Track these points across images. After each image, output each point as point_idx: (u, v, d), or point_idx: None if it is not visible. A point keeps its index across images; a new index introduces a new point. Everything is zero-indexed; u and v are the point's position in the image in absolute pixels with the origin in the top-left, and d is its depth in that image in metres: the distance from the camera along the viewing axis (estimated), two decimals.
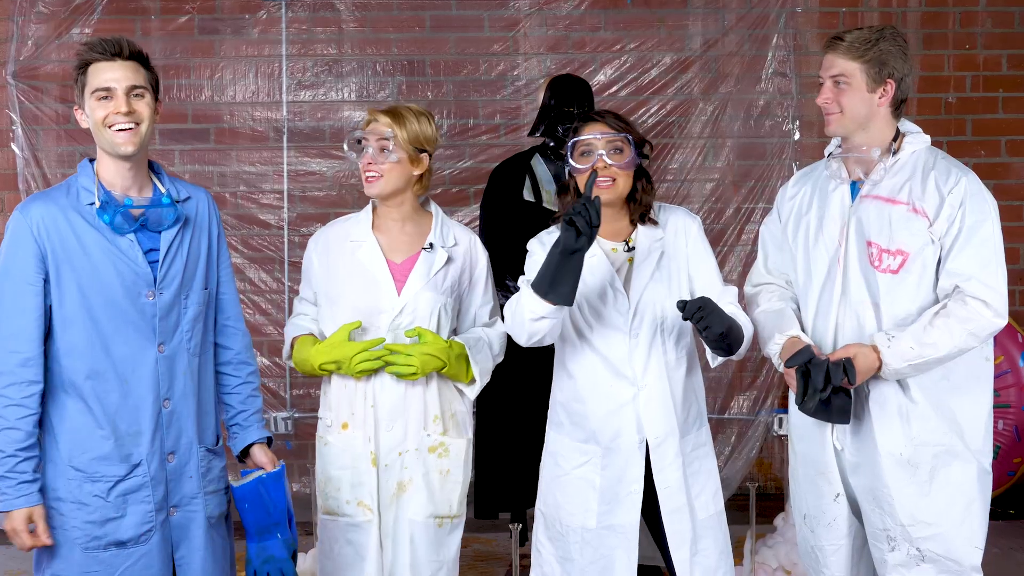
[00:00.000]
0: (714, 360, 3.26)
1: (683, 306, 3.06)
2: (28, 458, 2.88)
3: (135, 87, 2.94)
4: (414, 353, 3.28)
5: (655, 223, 3.31)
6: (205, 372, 3.12)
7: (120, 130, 2.92)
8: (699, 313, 3.04)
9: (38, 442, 2.92)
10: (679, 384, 3.28)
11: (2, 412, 2.86)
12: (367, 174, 3.36)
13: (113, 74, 2.93)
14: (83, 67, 2.95)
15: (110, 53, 2.93)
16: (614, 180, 3.23)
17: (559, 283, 3.09)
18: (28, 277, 2.90)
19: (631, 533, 3.27)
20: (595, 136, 3.24)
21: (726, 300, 3.25)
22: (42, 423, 2.96)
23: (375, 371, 3.32)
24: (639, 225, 3.31)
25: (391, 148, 3.32)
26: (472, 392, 3.44)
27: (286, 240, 6.07)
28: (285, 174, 6.08)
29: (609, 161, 3.22)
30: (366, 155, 3.35)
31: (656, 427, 3.24)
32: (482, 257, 3.50)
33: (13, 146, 6.07)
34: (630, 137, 3.25)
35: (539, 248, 3.37)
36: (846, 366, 3.04)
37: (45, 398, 2.95)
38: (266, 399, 6.06)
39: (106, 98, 2.92)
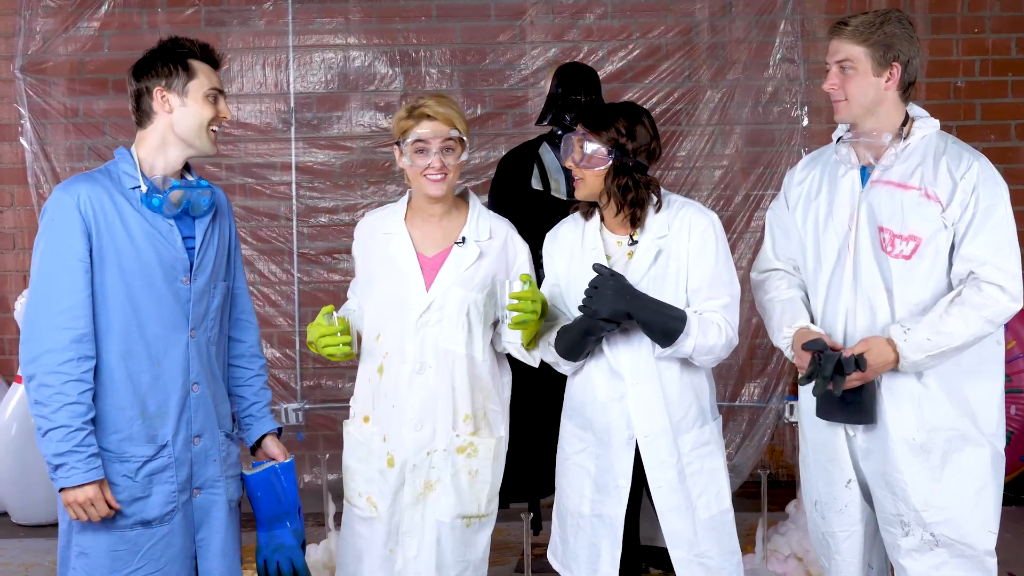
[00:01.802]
0: (654, 347, 3.22)
1: (598, 269, 3.13)
2: (92, 431, 2.92)
3: None
4: (539, 300, 3.23)
5: (638, 224, 3.26)
6: (221, 362, 3.21)
7: (215, 132, 3.09)
8: (589, 289, 3.10)
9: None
10: (673, 382, 3.25)
11: (62, 388, 2.89)
12: (432, 176, 3.27)
13: (218, 79, 3.11)
14: (184, 60, 3.06)
15: (215, 61, 3.12)
16: (582, 178, 3.25)
17: (580, 351, 3.26)
18: (78, 254, 2.94)
19: (617, 525, 3.27)
20: (570, 136, 3.27)
21: (708, 305, 3.20)
22: None
23: (344, 356, 3.29)
24: (647, 220, 3.27)
25: (456, 147, 3.27)
26: (535, 359, 3.40)
27: (295, 231, 6.07)
28: (293, 165, 6.08)
29: (574, 160, 3.24)
30: (431, 158, 3.26)
31: (645, 425, 3.23)
32: (522, 250, 3.43)
33: (22, 140, 6.08)
34: (589, 137, 3.21)
35: (552, 244, 3.40)
36: (858, 359, 3.03)
37: None
38: (277, 390, 6.08)
39: (213, 100, 3.07)
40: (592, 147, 3.21)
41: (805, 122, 6.02)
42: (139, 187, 3.03)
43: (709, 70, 6.14)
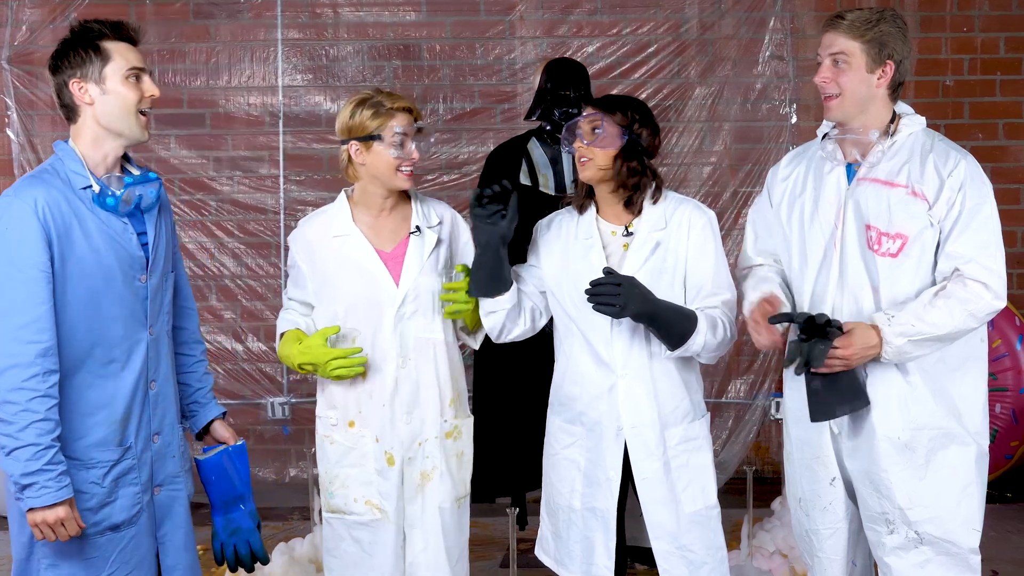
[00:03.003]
0: (649, 342, 3.23)
1: (608, 271, 3.10)
2: (59, 448, 2.82)
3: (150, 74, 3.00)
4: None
5: (638, 211, 3.27)
6: (172, 354, 3.15)
7: (144, 114, 2.95)
8: (597, 288, 3.06)
9: None
10: (663, 375, 3.25)
11: (29, 405, 2.77)
12: (406, 169, 3.28)
13: (137, 57, 2.95)
14: (94, 43, 2.91)
15: (131, 38, 2.95)
16: (591, 158, 3.23)
17: (496, 276, 3.22)
18: (40, 264, 2.81)
19: (609, 517, 3.28)
20: (578, 119, 3.26)
21: (710, 302, 3.22)
22: None
23: (354, 377, 3.28)
24: (644, 212, 3.28)
25: (419, 137, 3.31)
26: (477, 342, 3.44)
27: (282, 225, 6.05)
28: (281, 158, 6.06)
29: (584, 141, 3.23)
30: (413, 149, 3.27)
31: (633, 417, 3.23)
32: (464, 230, 3.45)
33: (8, 131, 6.06)
34: (604, 118, 3.21)
35: (545, 233, 3.39)
36: (830, 319, 3.02)
37: None
38: (263, 385, 6.08)
39: (135, 78, 2.93)
40: (606, 127, 3.22)
41: (794, 119, 6.02)
42: (90, 187, 2.91)
43: (698, 67, 6.14)
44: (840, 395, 3.11)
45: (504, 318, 3.28)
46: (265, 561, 3.27)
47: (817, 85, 3.17)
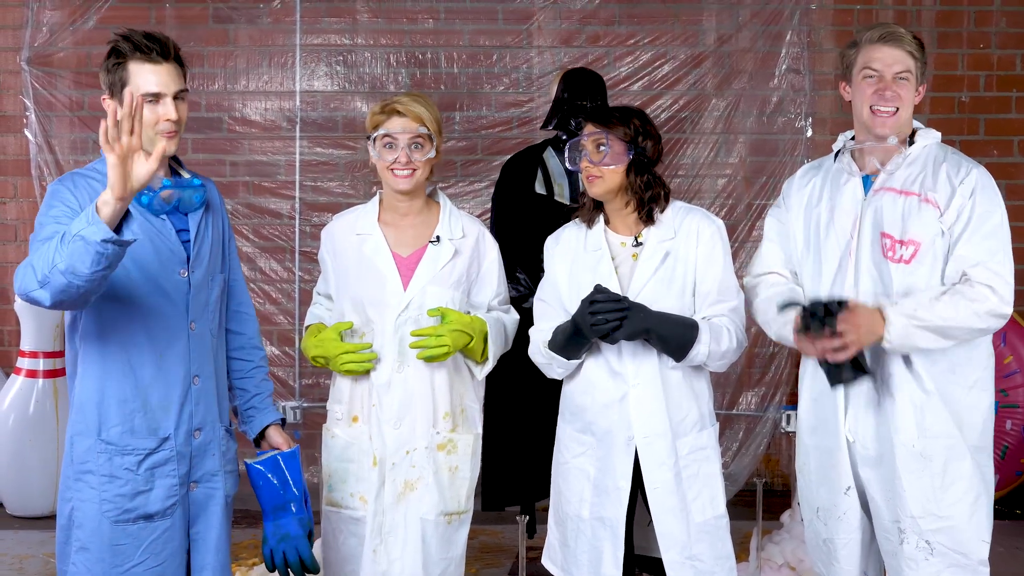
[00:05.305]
0: (667, 360, 3.24)
1: (599, 288, 3.13)
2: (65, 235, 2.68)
3: (181, 91, 3.01)
4: (444, 333, 3.26)
5: (653, 221, 3.28)
6: (221, 355, 3.19)
7: (171, 132, 2.98)
8: (591, 307, 3.10)
9: None
10: (675, 385, 3.26)
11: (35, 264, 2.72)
12: (399, 172, 3.30)
13: (161, 78, 2.97)
14: (121, 60, 2.95)
15: (157, 54, 2.96)
16: (600, 176, 3.24)
17: (573, 351, 3.26)
18: (65, 210, 2.86)
19: (618, 527, 3.28)
20: (582, 138, 3.27)
21: (717, 309, 3.24)
22: (75, 397, 3.02)
23: (365, 372, 3.32)
24: (653, 222, 3.30)
25: (424, 144, 3.29)
26: (482, 372, 3.43)
27: (297, 230, 6.08)
28: (297, 164, 6.09)
29: (590, 160, 3.25)
30: (399, 152, 3.29)
31: (645, 427, 3.24)
32: (492, 249, 3.46)
33: (26, 132, 6.09)
34: (607, 135, 3.23)
35: (555, 247, 3.40)
36: (828, 303, 3.06)
37: (79, 372, 3.00)
38: (275, 388, 6.05)
39: (152, 102, 2.95)
40: (611, 144, 3.23)
41: (809, 133, 6.03)
42: None
43: (715, 79, 6.15)
44: (845, 369, 3.12)
45: (568, 370, 3.33)
46: (315, 570, 3.24)
47: (881, 98, 3.17)
